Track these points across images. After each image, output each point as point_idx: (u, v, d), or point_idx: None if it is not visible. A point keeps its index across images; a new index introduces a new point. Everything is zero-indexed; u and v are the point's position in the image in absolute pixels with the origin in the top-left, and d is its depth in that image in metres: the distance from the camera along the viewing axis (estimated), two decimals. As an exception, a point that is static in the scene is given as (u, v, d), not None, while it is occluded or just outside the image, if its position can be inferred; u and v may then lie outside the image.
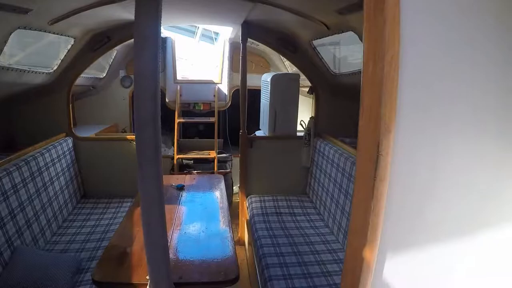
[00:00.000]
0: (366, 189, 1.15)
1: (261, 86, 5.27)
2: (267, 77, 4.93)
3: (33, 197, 3.27)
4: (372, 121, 1.13)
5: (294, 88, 4.78)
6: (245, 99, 4.54)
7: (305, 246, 3.51)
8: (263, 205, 4.42)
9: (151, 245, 1.19)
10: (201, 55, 7.24)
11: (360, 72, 3.31)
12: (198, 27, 7.11)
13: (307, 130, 4.64)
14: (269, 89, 4.75)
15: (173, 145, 6.66)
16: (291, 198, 4.59)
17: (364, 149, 1.21)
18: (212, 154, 6.20)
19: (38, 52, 3.89)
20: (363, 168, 1.19)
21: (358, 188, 1.23)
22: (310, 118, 4.73)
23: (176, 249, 2.66)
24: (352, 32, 3.24)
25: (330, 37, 3.69)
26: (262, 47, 5.86)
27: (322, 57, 4.21)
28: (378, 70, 1.07)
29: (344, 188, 3.54)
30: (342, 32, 3.34)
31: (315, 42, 4.05)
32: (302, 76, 4.81)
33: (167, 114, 6.60)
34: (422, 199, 1.20)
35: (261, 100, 5.28)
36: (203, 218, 3.24)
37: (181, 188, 3.92)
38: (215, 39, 7.15)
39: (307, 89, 5.17)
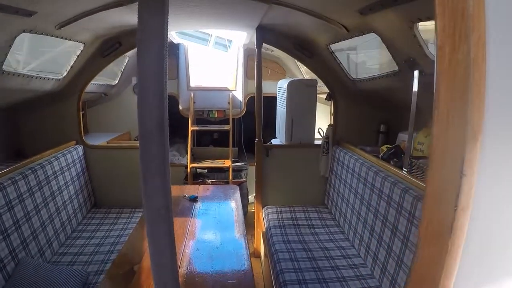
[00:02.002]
0: (441, 221, 0.88)
1: (277, 92, 5.13)
2: (283, 84, 4.78)
3: (39, 207, 3.15)
4: (452, 127, 0.83)
5: (311, 95, 4.61)
6: (260, 106, 4.41)
7: (324, 261, 3.32)
8: (279, 216, 4.23)
9: (158, 268, 1.00)
10: (214, 62, 7.14)
11: (380, 77, 3.14)
12: (211, 35, 7.03)
13: (326, 138, 4.47)
14: (285, 96, 4.60)
15: (186, 153, 6.55)
16: (309, 209, 4.40)
17: (439, 166, 0.91)
18: (227, 163, 6.06)
19: (46, 58, 3.82)
20: (437, 192, 0.92)
21: (428, 218, 0.95)
22: (328, 125, 4.57)
23: (188, 266, 2.50)
24: (371, 36, 3.09)
25: (347, 41, 3.54)
26: (277, 52, 5.73)
27: (340, 62, 4.05)
28: (461, 56, 0.78)
29: (366, 199, 3.35)
30: (363, 34, 3.18)
31: (333, 46, 3.90)
32: (319, 83, 4.65)
33: (180, 122, 6.50)
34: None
35: (277, 107, 5.13)
36: (217, 232, 3.09)
37: (194, 199, 3.77)
38: (229, 46, 7.05)
39: (324, 96, 5.01)
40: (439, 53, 0.82)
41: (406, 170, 3.04)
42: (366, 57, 4.19)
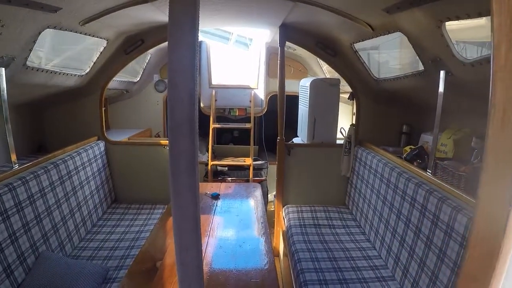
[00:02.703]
0: (494, 221, 0.82)
1: (299, 91, 5.07)
2: (305, 82, 4.72)
3: (61, 201, 3.17)
4: (508, 126, 0.79)
5: (334, 94, 4.53)
6: (283, 105, 4.36)
7: (345, 261, 3.27)
8: (300, 216, 4.18)
9: (183, 266, 0.97)
10: (235, 61, 7.13)
11: (404, 76, 3.06)
12: (232, 33, 7.02)
13: (348, 137, 4.39)
14: (308, 95, 4.54)
15: (207, 151, 6.57)
16: (330, 209, 4.33)
17: (493, 165, 0.85)
18: (248, 161, 6.04)
19: (68, 55, 3.85)
20: (491, 191, 0.86)
21: (481, 218, 0.89)
22: (350, 125, 4.49)
23: (211, 265, 2.47)
24: (394, 35, 3.02)
25: (371, 40, 3.46)
26: (299, 51, 5.69)
27: (363, 61, 3.99)
28: None
29: (388, 200, 3.28)
30: (388, 33, 3.10)
31: (357, 45, 3.83)
32: (342, 82, 4.59)
33: (201, 119, 6.38)
34: None
35: (299, 106, 5.07)
36: (239, 231, 3.07)
37: (216, 197, 3.75)
38: (249, 44, 7.03)
39: (345, 95, 4.95)
40: (495, 52, 0.79)
41: (430, 171, 2.98)
42: (388, 56, 4.11)
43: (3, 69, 2.70)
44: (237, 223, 3.22)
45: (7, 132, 2.92)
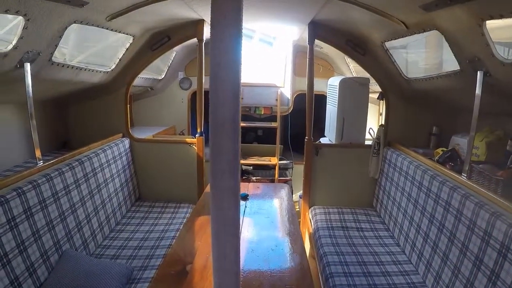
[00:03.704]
0: None
1: (327, 90, 4.98)
2: (334, 81, 4.62)
3: (85, 198, 3.14)
4: None
5: (363, 93, 4.43)
6: (311, 104, 4.25)
7: (375, 266, 3.15)
8: (327, 218, 4.07)
9: (221, 272, 0.89)
10: (259, 59, 7.04)
11: (438, 77, 2.94)
12: (255, 31, 6.93)
13: (377, 138, 4.27)
14: (336, 94, 4.44)
15: None
16: (357, 211, 4.21)
17: None
18: (273, 160, 5.98)
19: (92, 51, 3.84)
20: None
21: None
22: (379, 125, 4.37)
23: (243, 270, 2.38)
24: (427, 34, 2.91)
25: (402, 38, 3.33)
26: (326, 49, 5.57)
27: (394, 60, 3.85)
28: None
29: (420, 204, 3.14)
30: (423, 31, 2.95)
31: (388, 44, 3.70)
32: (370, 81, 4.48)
33: None
34: None
35: (327, 105, 4.98)
36: (271, 233, 2.98)
37: (245, 197, 3.67)
38: (273, 43, 6.93)
39: (373, 95, 4.82)
40: None
41: (465, 175, 2.84)
42: (416, 56, 3.99)
43: (29, 64, 2.66)
44: (267, 225, 3.13)
45: (31, 128, 2.90)
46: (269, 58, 6.88)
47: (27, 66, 2.66)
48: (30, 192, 2.44)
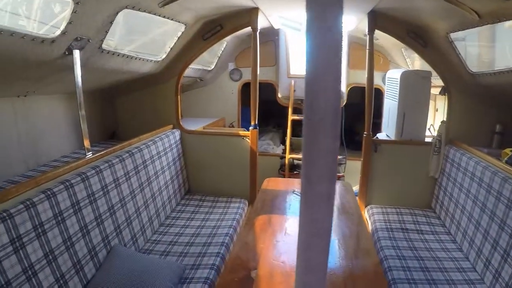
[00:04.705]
0: None
1: (386, 83, 4.73)
2: (394, 74, 4.36)
3: (135, 192, 3.04)
4: None
5: (425, 87, 4.14)
6: (371, 98, 4.02)
7: (438, 273, 2.89)
8: (386, 218, 3.81)
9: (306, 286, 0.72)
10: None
11: (510, 71, 2.63)
12: (302, 23, 6.69)
13: (438, 136, 3.97)
14: (397, 87, 4.18)
15: (281, 143, 6.41)
16: (416, 213, 3.93)
17: None
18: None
19: (142, 40, 3.77)
20: None
21: None
22: (441, 122, 4.05)
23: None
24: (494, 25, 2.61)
25: (468, 30, 3.06)
26: (381, 41, 5.26)
27: (459, 53, 3.53)
28: None
29: (489, 208, 2.85)
30: (498, 21, 2.66)
31: (453, 35, 3.39)
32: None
33: (275, 110, 6.38)
34: None
35: (385, 99, 4.74)
36: (341, 237, 2.81)
37: None
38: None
39: (434, 89, 4.50)
40: None
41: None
42: (490, 47, 3.68)
43: (78, 51, 2.57)
44: (335, 227, 2.94)
45: (80, 118, 2.83)
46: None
47: (76, 54, 2.57)
48: (78, 185, 2.35)
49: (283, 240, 2.72)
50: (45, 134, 3.40)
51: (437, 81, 4.26)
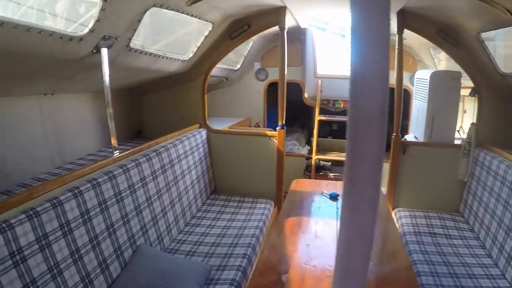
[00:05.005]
0: None
1: (415, 84, 4.63)
2: (423, 75, 4.27)
3: (162, 191, 3.04)
4: None
5: (455, 88, 4.05)
6: (400, 99, 3.93)
7: (467, 279, 2.80)
8: (414, 222, 3.72)
9: None
10: (334, 50, 6.71)
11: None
12: (327, 23, 6.61)
13: (468, 138, 3.85)
14: (427, 88, 4.09)
15: (306, 143, 6.35)
16: (444, 217, 3.82)
17: None
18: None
19: (169, 39, 3.77)
20: None
21: None
22: (471, 124, 3.93)
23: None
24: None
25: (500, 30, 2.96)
26: (408, 41, 5.14)
27: (490, 53, 3.42)
28: None
29: None
30: None
31: (484, 35, 3.28)
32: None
33: (301, 111, 6.35)
34: None
35: (414, 100, 4.65)
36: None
37: (335, 197, 3.43)
38: (345, 35, 6.56)
39: (463, 91, 4.37)
40: None
41: None
42: (509, 48, 3.59)
43: (106, 49, 2.56)
44: None
45: (108, 116, 2.83)
46: (340, 49, 6.53)
47: (104, 52, 2.57)
48: (105, 183, 2.35)
49: (313, 243, 2.68)
50: (71, 132, 3.43)
51: (466, 82, 4.15)
